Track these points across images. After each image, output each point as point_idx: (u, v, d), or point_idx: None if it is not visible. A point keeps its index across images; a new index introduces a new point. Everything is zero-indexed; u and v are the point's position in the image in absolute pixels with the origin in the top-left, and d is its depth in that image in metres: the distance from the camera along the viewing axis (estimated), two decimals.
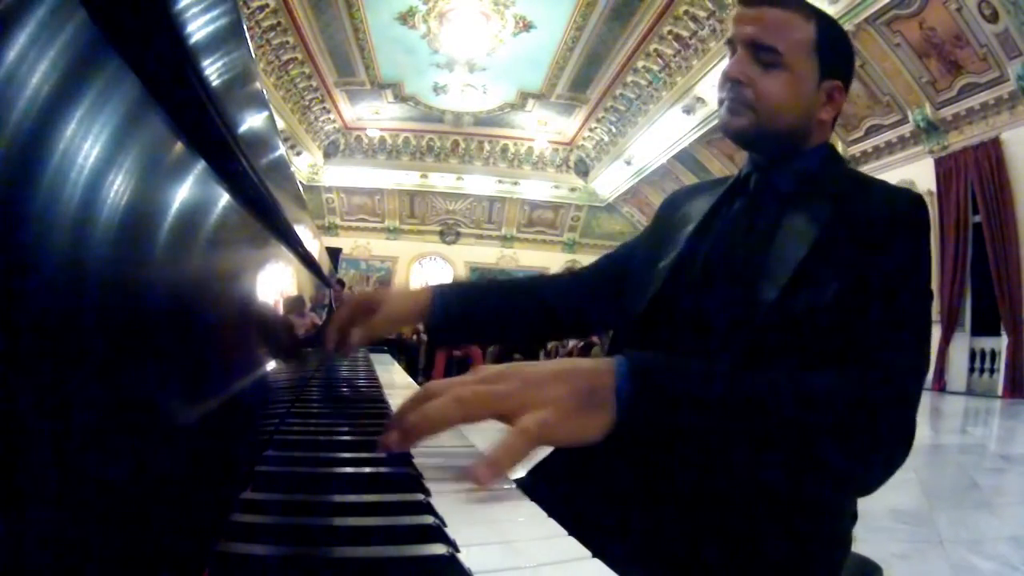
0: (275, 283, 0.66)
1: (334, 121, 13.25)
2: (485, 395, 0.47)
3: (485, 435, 0.51)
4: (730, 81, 0.70)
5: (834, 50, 0.72)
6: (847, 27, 6.88)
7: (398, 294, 0.83)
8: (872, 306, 0.61)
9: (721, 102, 0.72)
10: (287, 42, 9.79)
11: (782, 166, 0.73)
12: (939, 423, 5.29)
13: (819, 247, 0.64)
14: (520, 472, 0.77)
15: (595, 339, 6.15)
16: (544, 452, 0.83)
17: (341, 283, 7.87)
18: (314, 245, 1.01)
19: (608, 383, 0.49)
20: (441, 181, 14.81)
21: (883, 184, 0.71)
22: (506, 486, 0.46)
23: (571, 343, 6.95)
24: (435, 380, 0.50)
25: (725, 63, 0.73)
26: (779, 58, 0.68)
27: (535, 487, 0.59)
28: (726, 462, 0.55)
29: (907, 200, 0.67)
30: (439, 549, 0.31)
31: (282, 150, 0.60)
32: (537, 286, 0.92)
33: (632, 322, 0.77)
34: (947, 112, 7.05)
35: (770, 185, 0.74)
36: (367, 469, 0.44)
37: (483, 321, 0.87)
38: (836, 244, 0.64)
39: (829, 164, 0.74)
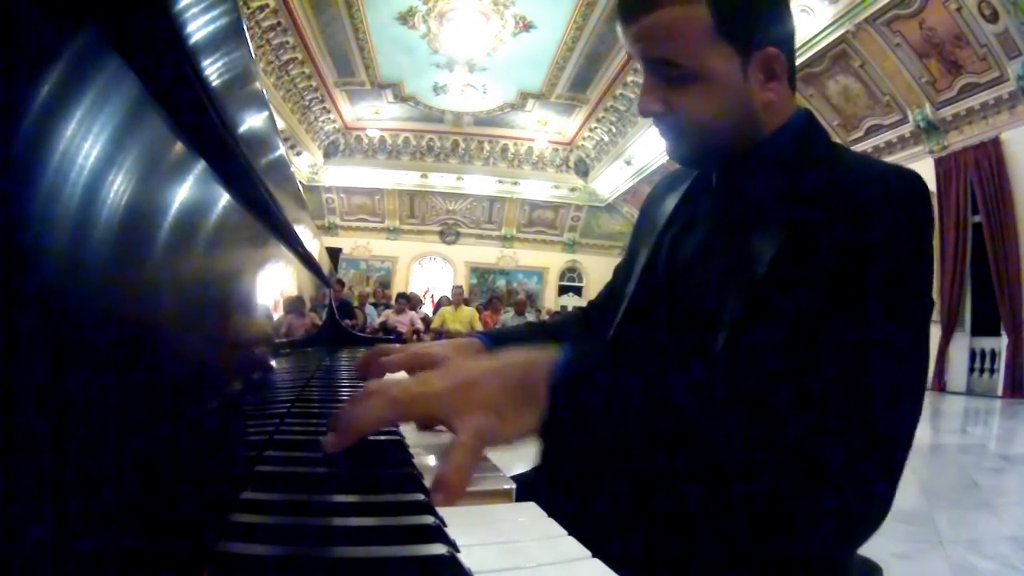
0: (275, 283, 0.66)
1: (334, 121, 13.25)
2: (418, 396, 0.46)
3: None
4: (651, 116, 0.62)
5: (746, 19, 0.58)
6: (847, 27, 6.89)
7: (455, 349, 0.75)
8: (856, 324, 0.50)
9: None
10: (287, 42, 9.78)
11: (747, 160, 0.63)
12: (939, 423, 5.28)
13: (787, 253, 0.54)
14: (520, 468, 0.77)
15: None
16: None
17: (341, 283, 7.87)
18: (314, 245, 1.01)
19: (541, 375, 0.47)
20: (441, 181, 14.82)
21: (865, 165, 0.59)
22: (506, 486, 0.46)
23: None
24: (377, 380, 0.50)
25: None
26: (682, 70, 0.58)
27: (535, 487, 0.59)
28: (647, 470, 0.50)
29: (896, 184, 0.54)
30: (439, 549, 0.31)
31: (282, 150, 0.60)
32: (572, 325, 0.90)
33: (606, 343, 0.74)
34: (947, 112, 7.05)
35: (734, 184, 0.65)
36: (367, 469, 0.44)
37: None
38: (809, 245, 0.53)
39: (800, 143, 0.62)
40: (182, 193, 0.33)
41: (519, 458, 0.63)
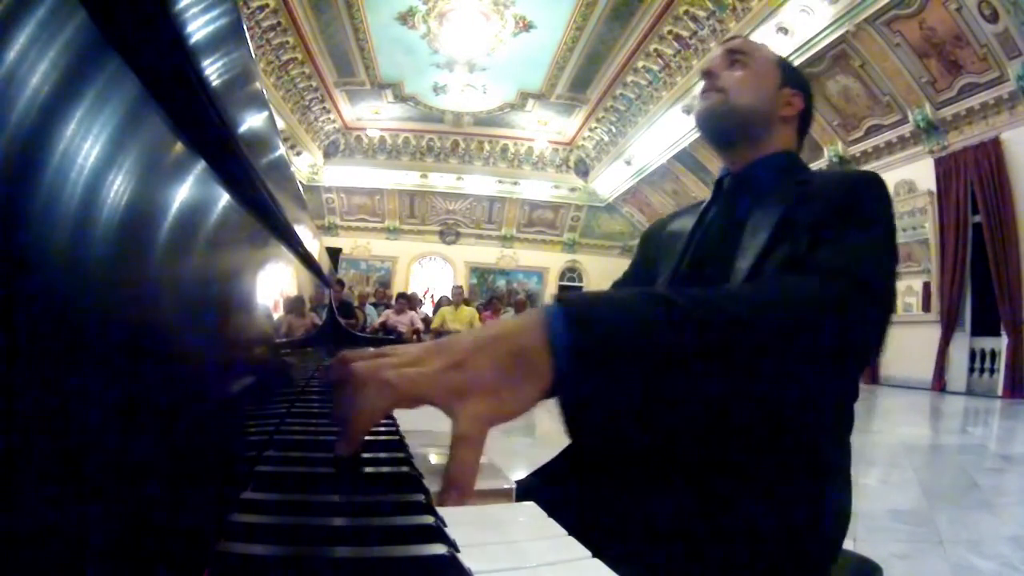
0: (275, 283, 0.66)
1: (334, 121, 13.25)
2: (410, 379, 0.42)
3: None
4: (704, 73, 0.86)
5: (794, 75, 0.88)
6: (847, 27, 6.91)
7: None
8: (833, 241, 0.65)
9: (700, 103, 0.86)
10: (287, 42, 9.78)
11: (752, 165, 0.84)
12: (939, 423, 5.28)
13: (786, 218, 0.71)
14: (522, 473, 0.77)
15: None
16: (546, 454, 0.83)
17: (341, 283, 7.87)
18: (314, 245, 1.01)
19: (538, 341, 0.44)
20: (441, 181, 14.82)
21: (842, 169, 0.85)
22: (506, 486, 0.46)
23: None
24: (350, 353, 0.47)
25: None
26: (746, 58, 0.84)
27: (535, 487, 0.59)
28: (691, 389, 0.49)
29: (865, 174, 0.76)
30: (439, 549, 0.31)
31: (282, 150, 0.60)
32: None
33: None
34: (947, 112, 7.05)
35: (741, 181, 0.84)
36: (367, 469, 0.44)
37: None
38: (803, 210, 0.71)
39: (794, 163, 0.84)
40: (182, 193, 0.33)
41: (520, 463, 0.62)
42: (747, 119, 0.82)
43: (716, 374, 0.49)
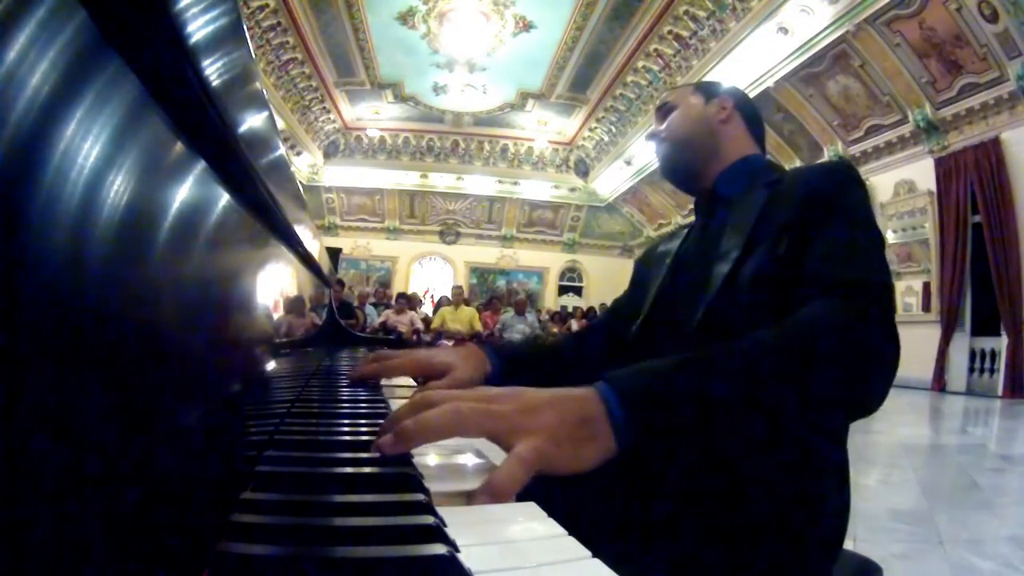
0: (275, 283, 0.66)
1: (334, 121, 13.25)
2: (482, 412, 0.46)
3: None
4: (649, 137, 0.96)
5: (714, 88, 0.95)
6: (847, 27, 6.91)
7: (461, 356, 0.82)
8: (822, 242, 0.67)
9: None
10: (287, 42, 9.78)
11: (722, 178, 0.88)
12: (939, 423, 5.28)
13: (761, 219, 0.74)
14: None
15: None
16: None
17: (341, 283, 7.86)
18: (314, 245, 1.01)
19: (598, 412, 0.48)
20: (441, 181, 14.81)
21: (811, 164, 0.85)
22: None
23: None
24: (434, 388, 0.50)
25: (725, 63, 1.05)
26: (671, 104, 0.94)
27: (536, 487, 0.59)
28: (739, 435, 0.53)
29: (832, 163, 0.80)
30: (439, 549, 0.31)
31: (282, 150, 0.60)
32: (566, 346, 1.01)
33: (623, 351, 0.86)
34: (947, 112, 7.04)
35: (713, 195, 0.89)
36: (367, 469, 0.44)
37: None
38: (776, 210, 0.73)
39: (760, 166, 0.88)
40: (182, 193, 0.33)
41: None
42: (693, 140, 0.90)
43: (757, 418, 0.53)
